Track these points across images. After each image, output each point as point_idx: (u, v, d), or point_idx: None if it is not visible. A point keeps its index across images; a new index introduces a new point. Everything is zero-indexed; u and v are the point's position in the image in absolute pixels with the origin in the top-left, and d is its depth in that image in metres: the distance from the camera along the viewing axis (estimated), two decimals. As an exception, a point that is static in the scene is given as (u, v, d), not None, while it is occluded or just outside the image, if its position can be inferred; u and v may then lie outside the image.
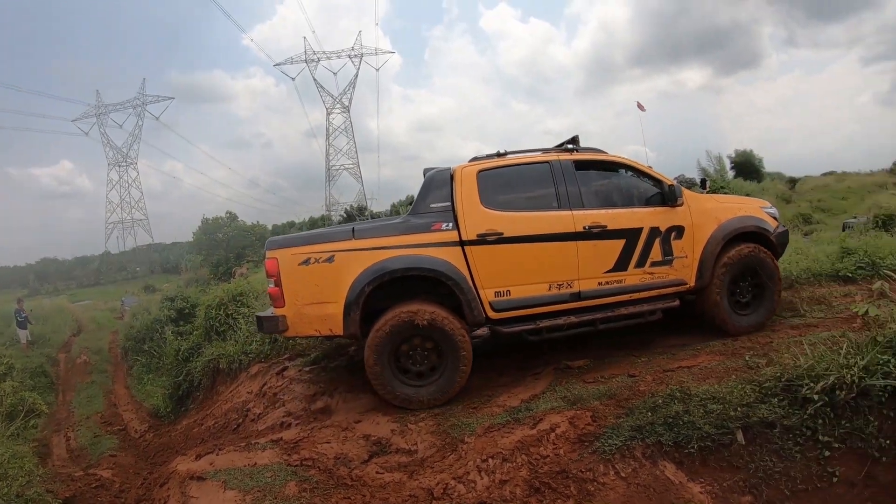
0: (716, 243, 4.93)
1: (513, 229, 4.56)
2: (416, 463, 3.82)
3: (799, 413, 3.41)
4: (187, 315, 11.25)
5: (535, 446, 3.55)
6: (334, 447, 4.16)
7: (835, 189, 29.43)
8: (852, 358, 3.53)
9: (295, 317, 4.43)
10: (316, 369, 5.57)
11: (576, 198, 4.73)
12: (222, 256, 35.65)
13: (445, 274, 4.43)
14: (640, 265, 4.78)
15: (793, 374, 3.57)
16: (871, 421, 3.40)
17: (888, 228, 10.27)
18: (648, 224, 4.83)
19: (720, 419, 3.40)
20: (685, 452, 3.34)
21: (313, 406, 4.89)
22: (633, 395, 3.86)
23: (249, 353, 6.73)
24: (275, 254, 4.48)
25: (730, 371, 4.00)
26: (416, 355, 4.50)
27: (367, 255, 4.43)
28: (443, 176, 4.77)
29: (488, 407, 4.23)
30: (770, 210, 5.45)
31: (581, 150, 5.10)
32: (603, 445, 3.43)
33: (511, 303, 4.57)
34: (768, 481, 3.31)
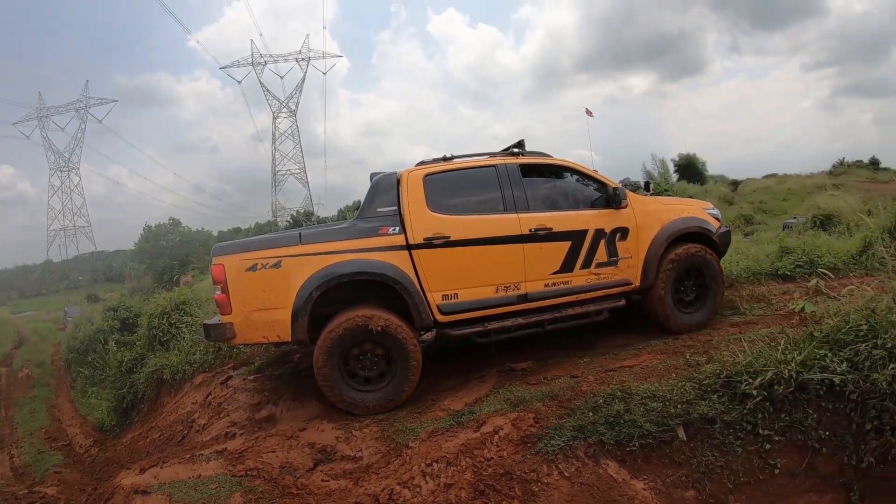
0: (660, 244, 5.09)
1: (459, 233, 4.62)
2: (361, 469, 3.81)
3: (739, 408, 3.53)
4: (131, 325, 11.03)
5: (479, 449, 3.58)
6: (279, 456, 4.12)
7: (776, 191, 30.90)
8: (790, 353, 3.68)
9: (242, 324, 4.40)
10: (260, 378, 5.52)
11: (522, 201, 4.82)
12: (167, 264, 35.14)
13: (393, 278, 4.46)
14: (586, 266, 4.91)
15: (732, 371, 3.70)
16: (810, 413, 3.55)
17: (826, 228, 10.76)
18: (593, 226, 4.95)
19: (661, 417, 3.50)
20: (627, 450, 3.42)
21: (258, 415, 4.84)
22: (575, 396, 3.92)
23: (194, 363, 6.65)
24: (221, 260, 4.45)
25: (671, 369, 4.10)
26: (365, 360, 4.50)
27: (314, 261, 4.42)
28: (389, 180, 4.80)
29: (433, 411, 4.25)
30: (712, 211, 5.65)
31: (527, 154, 5.21)
32: (546, 446, 3.48)
33: (459, 306, 4.62)
34: (711, 475, 3.42)
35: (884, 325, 3.61)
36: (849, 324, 3.74)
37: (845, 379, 3.51)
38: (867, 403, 3.49)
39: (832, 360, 3.58)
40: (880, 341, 3.55)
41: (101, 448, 7.60)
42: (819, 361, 3.60)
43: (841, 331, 3.73)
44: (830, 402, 3.57)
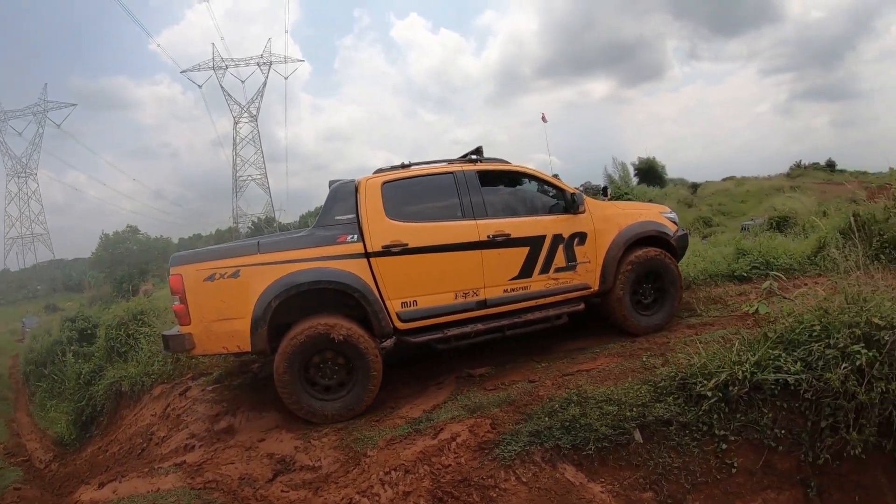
0: (618, 248, 5.22)
1: (418, 240, 4.68)
2: (320, 479, 3.82)
3: (694, 410, 3.64)
4: (89, 336, 10.89)
5: (437, 456, 3.62)
6: (238, 468, 4.11)
7: (734, 193, 32.12)
8: (744, 354, 3.80)
9: (201, 334, 4.40)
10: (219, 388, 5.50)
11: (480, 207, 4.90)
12: (125, 273, 34.82)
13: (352, 286, 4.50)
14: (545, 271, 5.00)
15: (687, 373, 3.81)
16: (766, 413, 3.67)
17: (782, 229, 11.06)
18: (552, 231, 5.05)
19: (617, 420, 3.58)
20: (584, 454, 3.49)
21: (217, 426, 4.80)
22: (532, 401, 3.98)
23: (152, 374, 6.61)
24: (179, 270, 4.44)
25: (627, 372, 4.19)
26: (326, 369, 4.52)
27: (273, 270, 4.45)
28: (347, 188, 4.84)
29: (391, 419, 4.28)
30: (670, 215, 5.80)
31: (485, 160, 5.29)
32: (503, 452, 3.53)
33: (418, 313, 4.68)
34: (668, 477, 3.52)
35: (836, 326, 3.75)
36: (802, 324, 3.88)
37: (799, 378, 3.64)
38: (822, 402, 3.62)
39: (786, 361, 3.71)
40: (833, 341, 3.68)
41: (61, 463, 7.53)
42: (773, 362, 3.73)
43: (794, 331, 3.87)
44: (785, 401, 3.69)
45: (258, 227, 54.96)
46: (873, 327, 3.67)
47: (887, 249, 6.17)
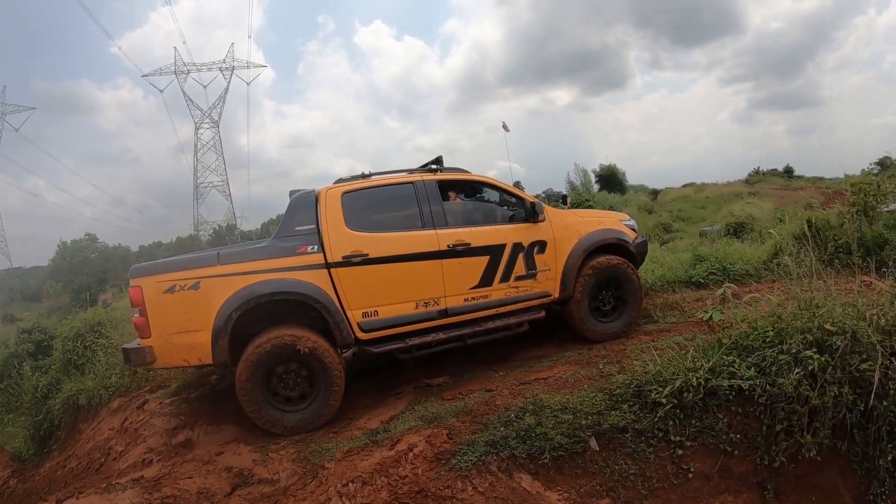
0: (577, 256, 5.42)
1: (378, 250, 4.81)
2: (279, 492, 3.87)
3: (650, 417, 3.77)
4: (46, 348, 10.83)
5: (394, 467, 3.69)
6: (196, 482, 4.15)
7: (694, 199, 32.92)
8: (699, 361, 3.94)
9: (162, 347, 4.46)
10: (177, 401, 5.52)
11: (440, 217, 5.07)
12: (84, 282, 34.54)
13: (312, 297, 4.60)
14: (505, 280, 5.17)
15: (642, 380, 3.94)
16: (721, 418, 3.81)
17: (739, 235, 11.47)
18: (511, 240, 5.22)
19: (572, 428, 3.69)
20: (540, 463, 3.59)
21: (174, 440, 4.84)
22: (488, 410, 4.08)
23: (110, 387, 6.60)
24: (138, 282, 4.50)
25: (583, 380, 4.33)
26: (288, 380, 4.59)
27: (233, 281, 4.53)
28: (308, 198, 4.95)
29: (348, 430, 4.36)
30: (629, 222, 6.02)
31: (444, 170, 5.45)
32: (459, 462, 3.62)
33: (379, 323, 4.80)
34: (625, 483, 3.63)
35: (789, 331, 3.91)
36: (756, 330, 4.06)
37: (753, 384, 3.79)
38: (776, 406, 3.77)
39: (740, 366, 3.87)
40: (786, 346, 3.84)
41: (19, 479, 7.49)
42: (727, 368, 3.88)
43: (748, 337, 4.03)
44: (740, 406, 3.84)
45: (219, 234, 54.97)
46: (825, 333, 3.84)
47: (841, 255, 6.44)
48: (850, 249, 6.36)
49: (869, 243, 6.60)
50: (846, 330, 3.85)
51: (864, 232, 6.73)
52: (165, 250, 62.16)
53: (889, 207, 7.05)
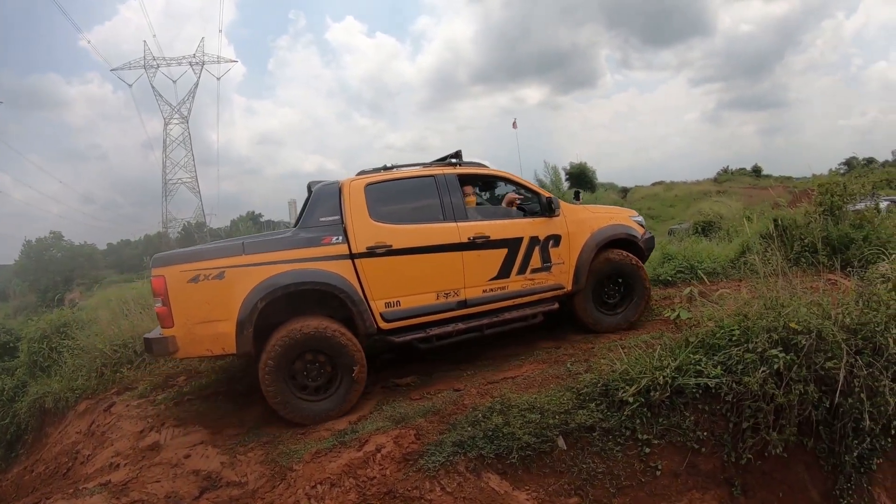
0: (590, 250, 5.63)
1: (401, 241, 4.94)
2: (247, 495, 3.90)
3: (617, 415, 3.88)
4: (12, 349, 10.54)
5: (363, 468, 3.74)
6: (164, 486, 4.16)
7: (664, 197, 33.87)
8: (665, 359, 4.06)
9: (185, 337, 4.48)
10: (144, 403, 5.53)
11: (460, 210, 5.24)
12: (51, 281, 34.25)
13: (338, 287, 4.71)
14: (522, 272, 5.36)
15: (609, 379, 4.05)
16: (688, 416, 3.92)
17: (707, 234, 11.75)
18: (528, 234, 5.42)
19: (539, 428, 3.78)
20: (508, 463, 3.67)
21: (142, 443, 4.85)
22: (456, 410, 4.15)
23: (76, 390, 6.58)
24: (161, 271, 4.51)
25: (551, 379, 4.42)
26: (312, 370, 4.69)
27: (258, 271, 4.59)
28: (331, 189, 5.04)
29: (316, 431, 4.39)
30: (637, 218, 6.24)
31: (464, 164, 5.61)
32: (427, 463, 3.68)
33: (401, 313, 4.94)
34: (593, 482, 3.73)
35: (755, 330, 4.04)
36: (722, 329, 4.18)
37: (720, 382, 3.91)
38: (742, 404, 3.89)
39: (707, 365, 3.99)
40: (752, 345, 3.97)
41: (-14, 485, 7.47)
42: (694, 366, 4.00)
43: (715, 336, 4.16)
44: (707, 404, 3.95)
45: (188, 231, 55.02)
46: (791, 332, 3.97)
47: (807, 253, 6.63)
48: (816, 248, 6.57)
49: (835, 242, 6.80)
50: (811, 329, 3.97)
51: (830, 231, 6.93)
52: (133, 248, 61.92)
53: (855, 207, 7.25)
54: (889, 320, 4.13)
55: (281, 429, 4.59)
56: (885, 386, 3.92)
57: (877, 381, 3.93)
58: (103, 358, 6.80)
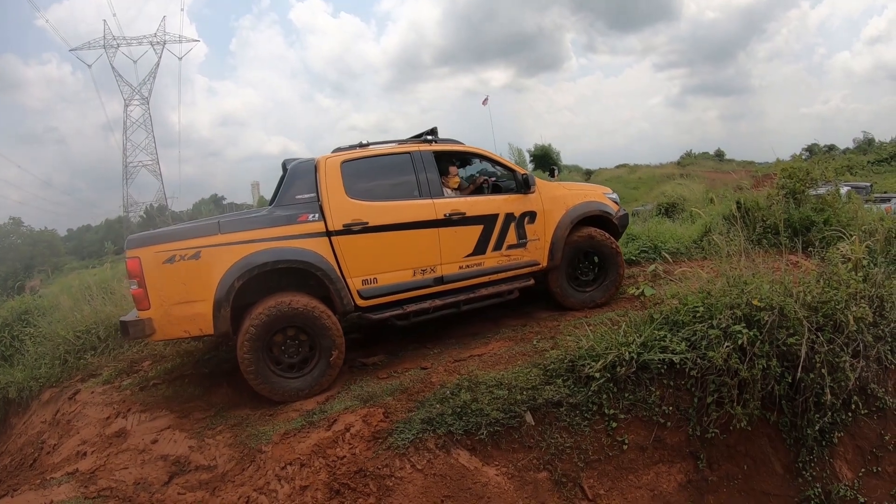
0: (565, 227, 5.77)
1: (378, 218, 5.03)
2: (217, 479, 3.97)
3: (584, 391, 4.03)
4: (-28, 339, 10.55)
5: (332, 448, 3.84)
6: (133, 472, 4.21)
7: (627, 180, 34.65)
8: (631, 336, 4.23)
9: (162, 319, 4.52)
10: (109, 389, 5.53)
11: (436, 186, 5.35)
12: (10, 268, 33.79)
13: (314, 265, 4.78)
14: (498, 248, 5.50)
15: (576, 355, 4.20)
16: (653, 391, 4.10)
17: (670, 215, 12.03)
18: (504, 210, 5.54)
19: (507, 404, 3.92)
20: (476, 439, 3.81)
21: (108, 430, 4.86)
22: (424, 388, 4.26)
23: (40, 378, 6.54)
24: (136, 252, 4.54)
25: (518, 356, 4.56)
26: (290, 347, 4.78)
27: (234, 250, 4.64)
28: (306, 167, 5.10)
29: (285, 412, 4.46)
30: (612, 196, 6.39)
31: (440, 141, 5.72)
32: (396, 441, 3.79)
33: (378, 290, 5.04)
34: (561, 456, 3.89)
35: (718, 307, 4.22)
36: (686, 306, 4.36)
37: (684, 358, 4.08)
38: (706, 379, 4.07)
39: (672, 341, 4.16)
40: (715, 322, 4.15)
41: (-49, 479, 7.42)
42: (659, 342, 4.17)
43: (679, 312, 4.33)
44: (672, 379, 4.13)
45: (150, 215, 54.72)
46: (753, 308, 4.15)
47: (769, 235, 6.92)
48: (778, 230, 6.84)
49: (796, 225, 7.06)
50: (774, 306, 4.17)
51: (791, 214, 7.20)
52: (94, 233, 61.02)
53: (816, 191, 7.55)
54: (849, 298, 4.35)
55: (249, 411, 4.65)
56: (845, 362, 4.14)
57: (837, 357, 4.15)
58: (66, 345, 6.77)
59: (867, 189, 17.64)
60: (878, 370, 4.49)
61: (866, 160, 34.38)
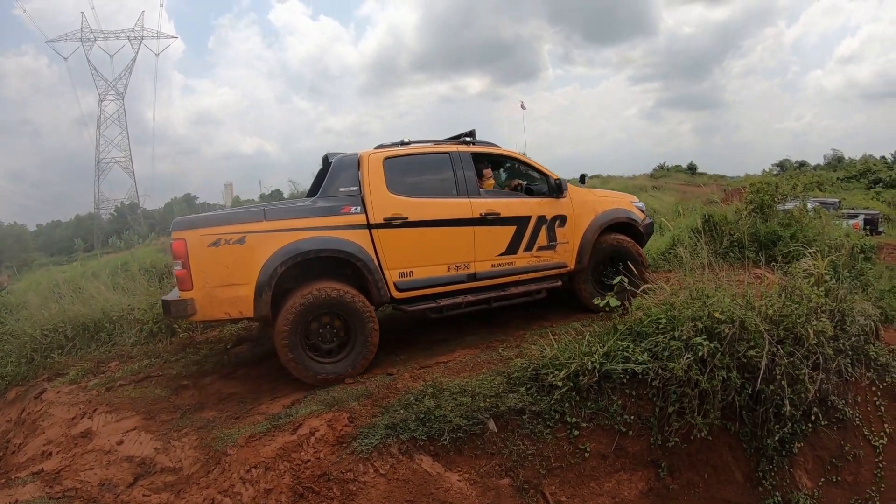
0: (593, 231, 6.07)
1: (417, 214, 5.29)
2: (182, 481, 4.06)
3: (546, 399, 4.20)
4: (-62, 337, 10.48)
5: (297, 452, 3.95)
6: (98, 473, 4.29)
7: None
8: (594, 346, 4.41)
9: (204, 300, 4.71)
10: (75, 389, 5.61)
11: (473, 186, 5.61)
12: None
13: (355, 255, 5.04)
14: (529, 249, 5.78)
15: (539, 364, 4.39)
16: (615, 400, 4.28)
17: None
18: (536, 213, 5.83)
19: (471, 411, 4.07)
20: (440, 445, 3.95)
21: (74, 430, 4.92)
22: (389, 394, 4.40)
23: (6, 377, 6.58)
24: (182, 234, 4.74)
25: (483, 364, 4.73)
26: (326, 332, 5.01)
27: (278, 237, 4.88)
28: (350, 161, 5.38)
29: (250, 415, 4.57)
30: (638, 204, 6.69)
31: (477, 143, 6.02)
32: (360, 445, 3.92)
33: (414, 283, 5.30)
34: (523, 463, 4.05)
35: (681, 319, 4.42)
36: (649, 317, 4.58)
37: (646, 368, 4.27)
38: (668, 389, 4.26)
39: (634, 351, 4.35)
40: (677, 333, 4.34)
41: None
42: (622, 352, 4.35)
43: (642, 324, 4.53)
44: (634, 389, 4.32)
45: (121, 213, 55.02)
46: (715, 321, 4.37)
47: (736, 248, 7.21)
48: (744, 244, 7.15)
49: (763, 239, 7.36)
50: (735, 318, 4.38)
51: (758, 228, 7.50)
52: (65, 229, 60.69)
53: (784, 207, 7.85)
54: (810, 312, 4.59)
55: (215, 413, 4.76)
56: (804, 374, 4.37)
57: (797, 370, 4.38)
58: (33, 343, 6.81)
59: (836, 205, 18.25)
60: (838, 382, 4.74)
61: (836, 176, 36.21)
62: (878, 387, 5.01)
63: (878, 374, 5.03)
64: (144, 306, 7.12)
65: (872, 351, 5.06)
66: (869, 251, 6.99)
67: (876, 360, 5.05)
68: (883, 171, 37.05)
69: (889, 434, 4.89)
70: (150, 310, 7.01)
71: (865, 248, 6.96)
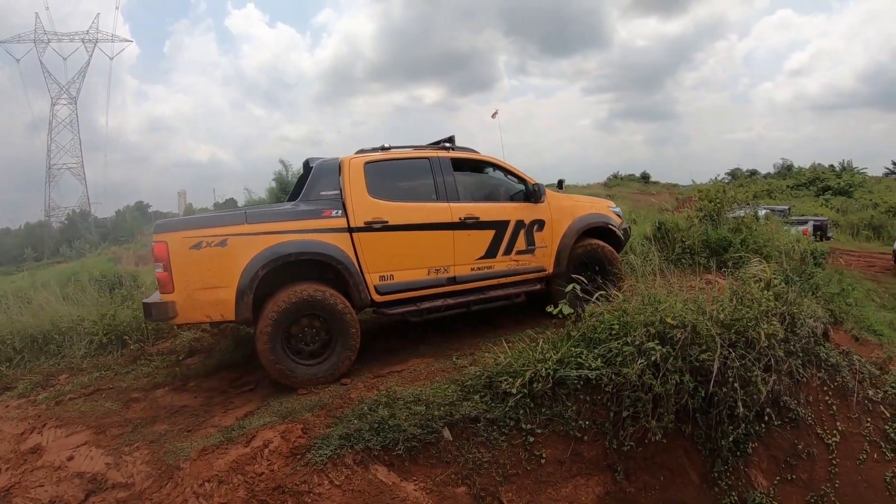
0: (571, 236, 6.34)
1: (397, 218, 5.47)
2: (134, 497, 4.07)
3: (501, 406, 4.33)
4: None
5: (250, 464, 4.01)
6: (48, 490, 4.27)
7: None
8: (548, 353, 4.55)
9: (185, 303, 4.79)
10: (24, 403, 5.57)
11: (452, 191, 5.82)
12: None
13: (335, 258, 5.18)
14: (507, 253, 6.01)
15: (494, 371, 4.52)
16: (570, 406, 4.44)
17: None
18: (515, 217, 6.07)
19: (425, 419, 4.17)
20: (394, 454, 4.04)
21: (23, 446, 4.87)
22: (343, 404, 4.49)
23: (-47, 391, 6.54)
24: (164, 237, 4.82)
25: (436, 372, 4.86)
26: (307, 335, 5.14)
27: (259, 240, 5.00)
28: (331, 165, 5.54)
29: (203, 428, 4.62)
30: (616, 209, 6.96)
31: (457, 148, 6.25)
32: (314, 457, 3.99)
33: (394, 286, 5.47)
34: (479, 471, 4.16)
35: (634, 325, 4.59)
36: (603, 323, 4.76)
37: (600, 374, 4.43)
38: (622, 394, 4.42)
39: (587, 357, 4.51)
40: (630, 339, 4.50)
41: None
42: (575, 359, 4.51)
43: (596, 330, 4.71)
44: (588, 394, 4.47)
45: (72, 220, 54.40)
46: (667, 326, 4.54)
47: (688, 255, 7.50)
48: (695, 250, 7.45)
49: (714, 245, 7.67)
50: (686, 323, 4.56)
51: (709, 235, 7.81)
52: (14, 237, 59.62)
53: (735, 214, 8.18)
54: (761, 316, 4.79)
55: (167, 426, 4.78)
56: (756, 376, 4.56)
57: (749, 372, 4.57)
58: (-21, 356, 6.79)
59: (786, 212, 19.10)
60: (790, 383, 4.95)
61: (785, 185, 37.88)
62: (829, 386, 5.21)
63: (828, 374, 5.23)
64: (94, 317, 7.08)
65: (823, 352, 5.27)
66: (819, 256, 7.32)
67: (826, 360, 5.25)
68: (832, 178, 38.86)
69: (841, 432, 5.08)
70: (101, 321, 6.98)
71: (815, 253, 7.28)
